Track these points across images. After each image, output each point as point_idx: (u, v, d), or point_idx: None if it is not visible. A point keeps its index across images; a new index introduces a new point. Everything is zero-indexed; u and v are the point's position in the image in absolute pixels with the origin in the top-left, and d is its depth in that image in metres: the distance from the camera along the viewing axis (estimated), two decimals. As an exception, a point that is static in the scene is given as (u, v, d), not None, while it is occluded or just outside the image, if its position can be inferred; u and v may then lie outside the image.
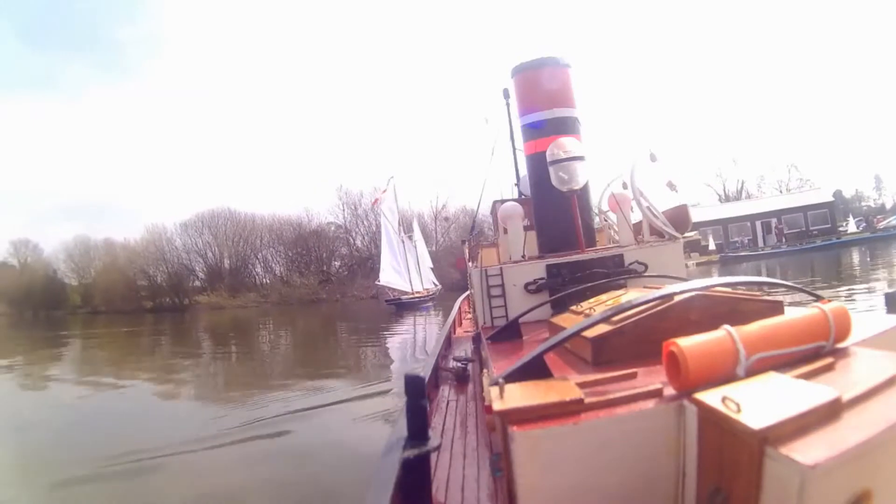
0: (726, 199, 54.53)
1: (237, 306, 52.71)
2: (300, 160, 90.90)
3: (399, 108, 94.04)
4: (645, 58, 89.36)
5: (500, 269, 5.83)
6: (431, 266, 46.67)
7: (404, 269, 43.01)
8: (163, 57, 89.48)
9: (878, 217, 48.29)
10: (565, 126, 6.27)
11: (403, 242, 44.04)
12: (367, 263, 54.48)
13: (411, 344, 21.03)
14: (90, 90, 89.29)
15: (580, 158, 5.69)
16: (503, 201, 7.42)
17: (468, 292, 11.05)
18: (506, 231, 6.54)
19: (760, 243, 43.14)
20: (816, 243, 39.84)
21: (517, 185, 9.99)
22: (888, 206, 55.33)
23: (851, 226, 44.49)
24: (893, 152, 72.99)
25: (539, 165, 6.11)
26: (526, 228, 6.67)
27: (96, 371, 18.46)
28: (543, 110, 6.40)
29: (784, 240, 42.50)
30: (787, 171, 55.01)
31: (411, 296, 40.80)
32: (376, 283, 42.88)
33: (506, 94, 9.46)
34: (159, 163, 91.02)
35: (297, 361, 18.70)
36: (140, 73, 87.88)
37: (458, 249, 55.92)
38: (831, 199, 46.26)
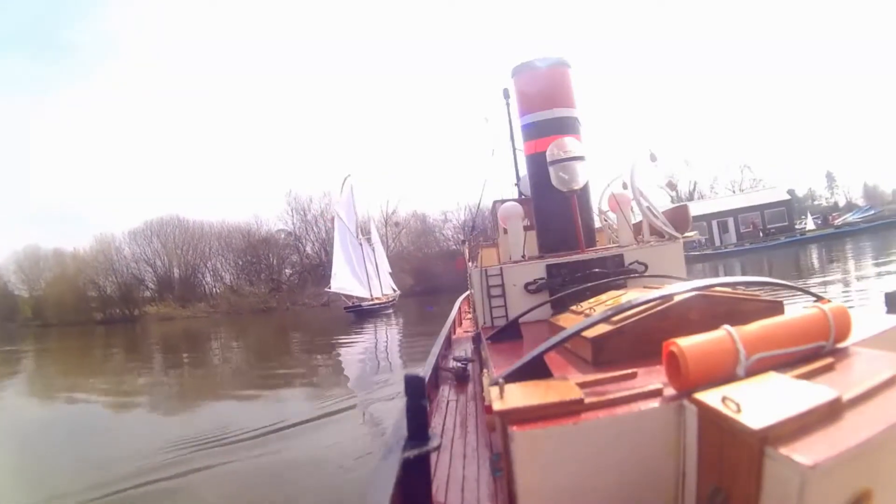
0: (679, 200, 54.72)
1: (187, 317, 51.49)
2: (250, 165, 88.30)
3: (353, 111, 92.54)
4: (633, 58, 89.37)
5: (500, 269, 5.83)
6: (390, 271, 44.81)
7: (363, 275, 40.54)
8: (108, 62, 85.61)
9: (834, 214, 49.04)
10: (565, 126, 6.27)
11: (361, 246, 41.69)
12: (318, 270, 53.16)
13: (374, 354, 19.54)
14: (31, 89, 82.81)
15: (580, 158, 5.69)
16: (503, 201, 7.42)
17: (468, 292, 11.04)
18: (506, 231, 6.54)
19: (717, 242, 43.32)
20: (781, 240, 40.34)
21: (517, 185, 9.99)
22: (841, 203, 56.21)
23: (809, 223, 44.97)
24: (844, 151, 76.57)
25: (539, 165, 6.11)
26: (526, 228, 6.67)
27: (50, 393, 16.53)
28: (543, 110, 6.41)
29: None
30: (740, 171, 55.24)
31: (371, 302, 38.63)
32: (326, 289, 40.25)
33: (506, 94, 9.47)
34: (106, 167, 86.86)
35: (255, 378, 16.56)
36: (88, 75, 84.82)
37: (410, 255, 56.04)
38: (787, 197, 46.74)
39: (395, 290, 43.32)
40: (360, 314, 35.55)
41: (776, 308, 2.75)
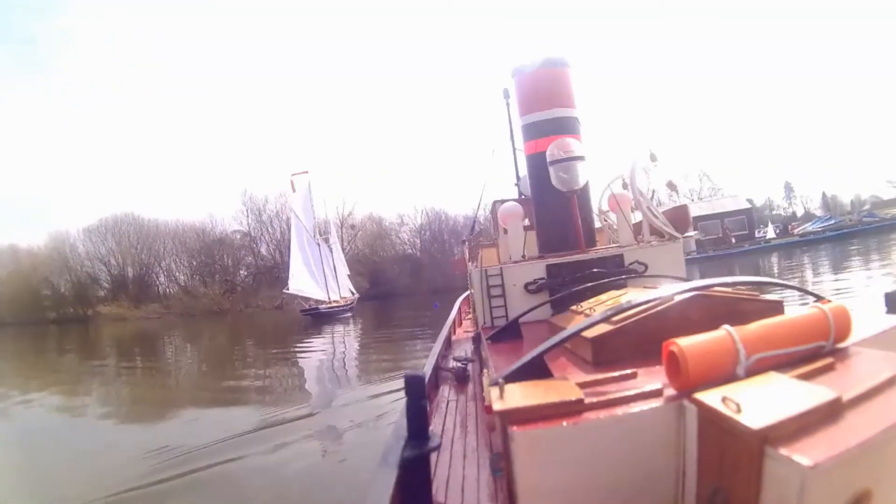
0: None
1: (140, 318, 50.51)
2: (206, 162, 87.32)
3: (311, 111, 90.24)
4: (637, 59, 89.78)
5: (500, 269, 5.83)
6: (348, 273, 43.31)
7: (320, 276, 38.77)
8: (65, 57, 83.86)
9: (794, 224, 51.05)
10: (565, 126, 6.27)
11: (319, 246, 39.88)
12: (273, 272, 52.50)
13: (331, 364, 17.78)
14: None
15: (580, 158, 5.69)
16: (503, 201, 7.42)
17: (468, 292, 11.05)
18: (506, 231, 6.54)
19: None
20: (745, 247, 41.39)
21: (517, 185, 9.99)
22: (799, 213, 58.35)
23: (770, 232, 46.15)
24: (802, 163, 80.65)
25: (539, 165, 6.11)
26: (526, 228, 6.67)
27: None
28: (543, 110, 6.40)
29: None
30: (699, 180, 55.87)
31: (329, 305, 37.00)
32: (284, 291, 38.52)
33: (506, 94, 9.47)
34: (61, 161, 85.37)
35: (212, 386, 15.38)
36: (47, 68, 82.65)
37: (366, 258, 55.52)
38: (748, 206, 47.83)
39: (353, 293, 41.69)
40: (318, 317, 33.97)
41: (776, 308, 2.75)
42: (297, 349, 22.21)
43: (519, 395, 1.96)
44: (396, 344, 20.37)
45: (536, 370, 2.29)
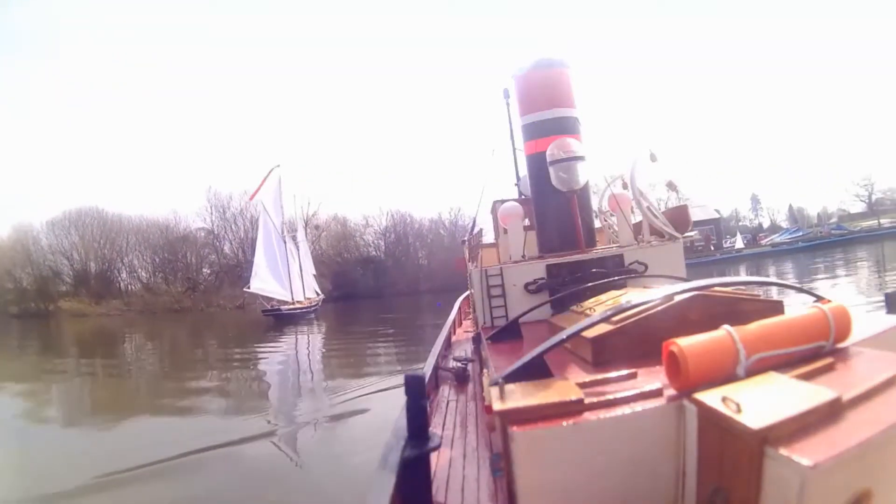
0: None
1: (100, 314, 49.32)
2: (172, 157, 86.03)
3: (279, 109, 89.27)
4: (643, 58, 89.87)
5: (500, 269, 5.82)
6: (314, 273, 41.70)
7: (285, 276, 36.83)
8: (28, 48, 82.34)
9: (761, 234, 52.87)
10: (565, 126, 6.27)
11: (286, 243, 38.04)
12: (236, 271, 51.27)
13: (296, 373, 16.37)
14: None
15: (580, 158, 5.70)
16: (503, 201, 7.42)
17: (468, 292, 11.05)
18: (506, 231, 6.54)
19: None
20: (716, 256, 42.80)
21: (517, 185, 9.98)
22: (766, 224, 60.68)
23: (739, 242, 47.51)
24: (769, 175, 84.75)
25: (539, 165, 6.11)
26: (526, 228, 6.67)
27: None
28: (543, 110, 6.40)
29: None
30: (666, 190, 56.38)
31: (293, 306, 35.23)
32: (245, 289, 36.52)
33: (506, 94, 9.46)
34: (27, 153, 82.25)
35: (161, 400, 13.55)
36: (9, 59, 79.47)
37: (330, 259, 54.93)
38: (717, 216, 49.01)
39: (318, 294, 40.03)
40: (280, 318, 32.39)
41: (776, 308, 2.75)
42: (258, 352, 21.39)
43: (519, 395, 1.95)
44: (360, 348, 19.85)
45: (536, 370, 2.29)
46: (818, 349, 2.11)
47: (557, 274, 5.63)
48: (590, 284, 4.61)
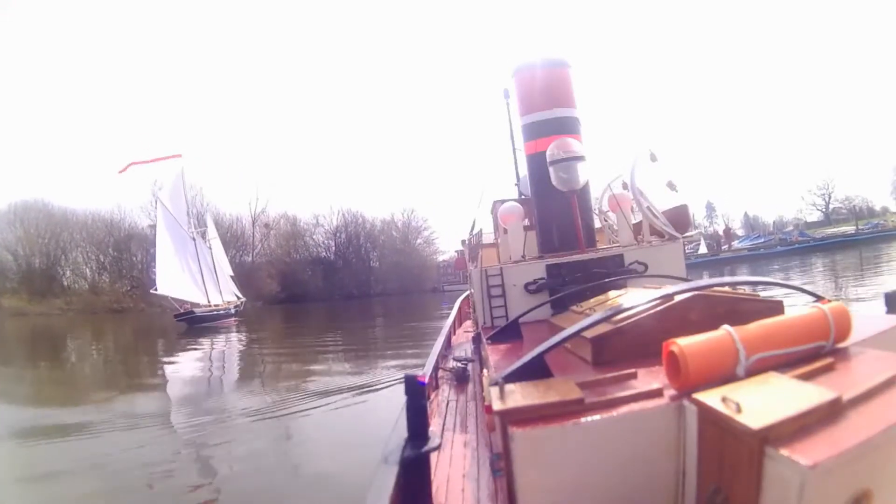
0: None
1: (40, 313, 47.54)
2: (116, 148, 79.00)
3: (234, 102, 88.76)
4: (645, 57, 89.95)
5: (500, 269, 5.82)
6: (231, 274, 38.78)
7: (197, 275, 34.18)
8: None
9: (725, 237, 55.00)
10: (565, 126, 6.26)
11: (195, 241, 35.46)
12: None
13: (208, 386, 13.99)
14: None
15: (580, 158, 5.69)
16: (503, 201, 7.42)
17: (468, 292, 11.05)
18: (506, 231, 6.54)
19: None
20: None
21: (517, 185, 9.98)
22: (720, 230, 61.80)
23: (702, 248, 48.81)
24: (723, 183, 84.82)
25: (539, 165, 6.10)
26: (526, 228, 6.67)
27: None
28: (544, 110, 6.40)
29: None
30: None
31: (208, 309, 32.53)
32: (152, 291, 33.88)
33: (506, 94, 9.46)
34: None
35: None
36: None
37: (278, 259, 53.50)
38: None
39: (238, 297, 37.57)
40: (193, 322, 30.17)
41: (776, 308, 2.75)
42: (170, 357, 19.05)
43: (519, 395, 1.95)
44: (294, 357, 18.09)
45: (536, 370, 2.29)
46: (818, 349, 2.11)
47: (557, 274, 5.63)
48: (590, 284, 4.61)
